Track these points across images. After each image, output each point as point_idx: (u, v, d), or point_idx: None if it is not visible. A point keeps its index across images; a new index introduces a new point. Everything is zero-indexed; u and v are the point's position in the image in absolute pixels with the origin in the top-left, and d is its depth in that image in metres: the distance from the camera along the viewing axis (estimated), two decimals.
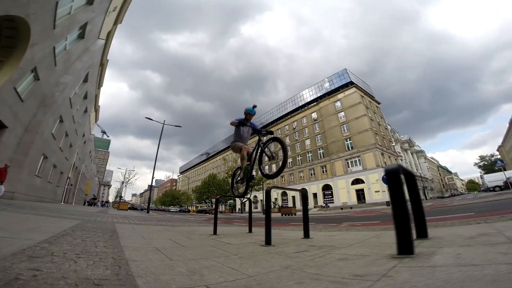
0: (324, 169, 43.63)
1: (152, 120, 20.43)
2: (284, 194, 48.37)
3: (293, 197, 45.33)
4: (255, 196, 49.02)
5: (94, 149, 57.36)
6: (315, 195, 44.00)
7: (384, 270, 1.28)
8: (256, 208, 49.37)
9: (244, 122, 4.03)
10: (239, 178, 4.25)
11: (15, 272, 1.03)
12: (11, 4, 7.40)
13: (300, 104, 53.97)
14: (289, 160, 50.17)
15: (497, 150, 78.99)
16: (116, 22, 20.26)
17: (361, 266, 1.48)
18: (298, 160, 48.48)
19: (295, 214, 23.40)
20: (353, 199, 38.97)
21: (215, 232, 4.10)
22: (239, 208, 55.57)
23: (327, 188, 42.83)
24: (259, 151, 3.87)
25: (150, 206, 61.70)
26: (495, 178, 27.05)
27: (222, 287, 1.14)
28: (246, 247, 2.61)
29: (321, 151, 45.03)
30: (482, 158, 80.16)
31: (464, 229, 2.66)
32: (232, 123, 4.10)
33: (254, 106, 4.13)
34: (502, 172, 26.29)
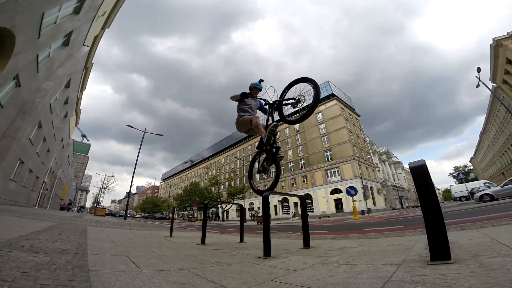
0: (305, 179, 45.02)
1: (133, 128, 20.76)
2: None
3: (275, 206, 46.17)
4: (239, 205, 49.29)
5: (73, 154, 55.78)
6: (296, 204, 45.13)
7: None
8: (232, 217, 49.64)
9: (249, 94, 3.45)
10: (263, 160, 3.47)
11: (20, 244, 1.81)
12: None
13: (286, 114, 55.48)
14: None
15: (470, 161, 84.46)
16: (104, 27, 20.41)
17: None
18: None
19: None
20: (332, 208, 40.42)
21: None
22: (217, 216, 55.58)
23: (307, 197, 44.11)
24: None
25: (134, 213, 60.28)
26: (461, 189, 29.28)
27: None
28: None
29: (302, 161, 46.52)
30: (456, 168, 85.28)
31: (350, 242, 3.27)
32: (233, 97, 3.49)
33: (261, 81, 3.65)
34: (463, 184, 28.68)
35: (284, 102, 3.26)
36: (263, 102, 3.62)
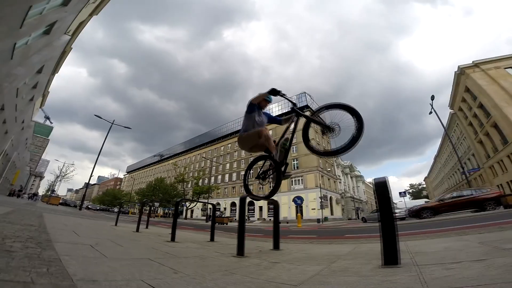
0: (271, 185, 46.82)
1: (101, 118, 20.69)
2: (233, 205, 50.23)
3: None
4: (204, 205, 49.72)
5: (32, 136, 51.98)
6: (261, 208, 46.86)
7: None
8: (196, 216, 50.02)
9: (278, 92, 2.97)
10: (268, 167, 3.33)
11: (1, 219, 2.80)
12: None
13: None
14: (242, 172, 52.67)
15: (424, 180, 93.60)
16: (92, 14, 19.51)
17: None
18: (250, 174, 50.90)
19: (227, 224, 24.54)
20: (293, 215, 42.64)
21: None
22: (180, 213, 55.32)
23: (272, 202, 45.93)
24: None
25: (93, 205, 57.35)
26: (402, 206, 33.08)
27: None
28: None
29: None
30: (412, 186, 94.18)
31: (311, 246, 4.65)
32: (254, 99, 3.07)
33: (272, 90, 3.07)
34: (405, 201, 32.55)
35: (317, 120, 2.73)
36: (272, 115, 3.44)
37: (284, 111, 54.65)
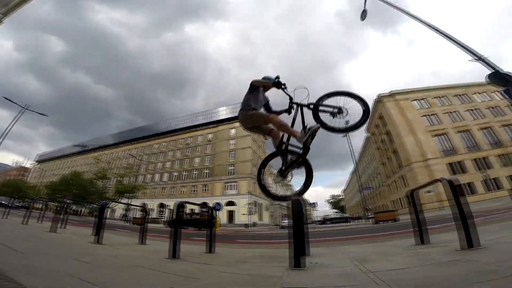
0: (206, 188, 46.56)
1: (11, 101, 17.15)
2: (161, 206, 47.67)
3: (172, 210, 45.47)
4: (143, 207, 45.52)
5: None
6: (192, 210, 45.80)
7: None
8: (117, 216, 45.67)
9: (281, 84, 3.03)
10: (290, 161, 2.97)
11: None
12: None
13: (212, 120, 55.07)
14: (175, 173, 50.56)
15: (342, 192, 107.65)
16: None
17: None
18: (184, 175, 49.51)
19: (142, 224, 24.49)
20: (224, 219, 43.19)
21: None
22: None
23: (204, 205, 45.46)
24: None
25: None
26: (318, 214, 37.60)
27: None
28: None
29: (207, 171, 48.08)
30: (332, 196, 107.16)
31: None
32: (257, 82, 3.09)
33: (277, 77, 3.10)
34: (318, 211, 37.20)
35: (322, 108, 2.86)
36: (269, 100, 3.37)
37: (227, 117, 54.86)
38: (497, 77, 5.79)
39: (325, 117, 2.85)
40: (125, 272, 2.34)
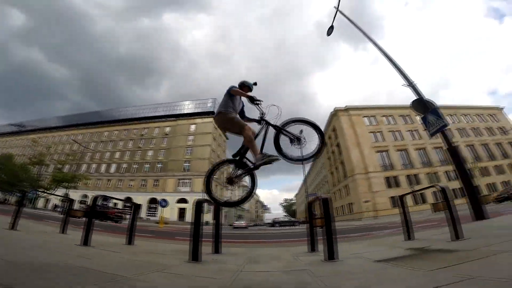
0: (156, 183, 44.38)
1: None
2: (104, 200, 43.94)
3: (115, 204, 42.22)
4: (127, 203, 41.23)
5: None
6: (139, 206, 43.19)
7: None
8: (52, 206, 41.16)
9: (256, 100, 3.09)
10: (240, 172, 3.14)
11: None
12: None
13: (172, 113, 53.07)
14: (124, 165, 47.29)
15: (294, 196, 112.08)
16: None
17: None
18: (134, 168, 46.57)
19: (79, 217, 22.74)
20: (175, 216, 41.59)
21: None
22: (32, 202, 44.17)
23: (154, 201, 43.34)
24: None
25: None
26: (269, 217, 38.46)
27: None
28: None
29: (160, 165, 45.89)
30: (286, 200, 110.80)
31: None
32: (237, 92, 3.18)
33: (255, 84, 3.39)
34: (269, 214, 38.00)
35: (285, 132, 3.02)
36: (244, 105, 3.48)
37: (190, 111, 53.44)
38: (420, 104, 6.24)
39: (284, 141, 3.05)
40: (28, 251, 2.54)
